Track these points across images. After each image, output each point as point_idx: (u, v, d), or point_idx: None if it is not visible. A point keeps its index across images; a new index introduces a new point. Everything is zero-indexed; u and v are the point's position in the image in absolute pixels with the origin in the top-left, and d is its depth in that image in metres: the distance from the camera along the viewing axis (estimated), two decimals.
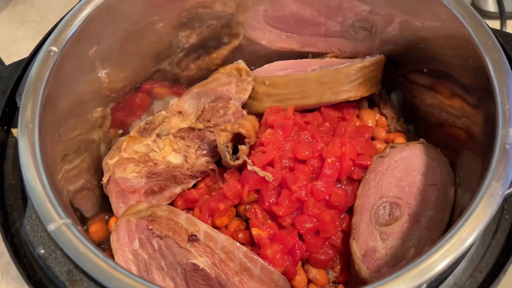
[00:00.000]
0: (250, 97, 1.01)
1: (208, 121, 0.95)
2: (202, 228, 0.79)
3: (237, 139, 0.93)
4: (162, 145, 0.94)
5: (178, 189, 0.93)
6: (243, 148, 0.91)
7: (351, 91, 0.94)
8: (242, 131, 0.90)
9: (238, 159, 0.90)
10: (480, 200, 0.60)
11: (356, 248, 0.80)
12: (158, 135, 0.95)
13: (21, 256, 0.69)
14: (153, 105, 1.05)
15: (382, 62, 0.97)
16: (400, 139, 0.98)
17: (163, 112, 0.98)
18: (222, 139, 0.89)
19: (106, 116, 0.94)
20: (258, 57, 1.07)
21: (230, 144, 0.91)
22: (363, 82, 0.94)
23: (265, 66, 1.06)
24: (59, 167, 0.75)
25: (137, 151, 0.92)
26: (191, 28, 0.98)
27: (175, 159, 0.93)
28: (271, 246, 0.80)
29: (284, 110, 0.96)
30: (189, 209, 0.94)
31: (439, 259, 0.57)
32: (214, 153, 0.95)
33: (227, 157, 0.89)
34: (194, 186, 0.95)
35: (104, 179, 0.90)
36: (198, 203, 0.91)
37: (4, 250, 0.71)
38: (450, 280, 0.68)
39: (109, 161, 0.90)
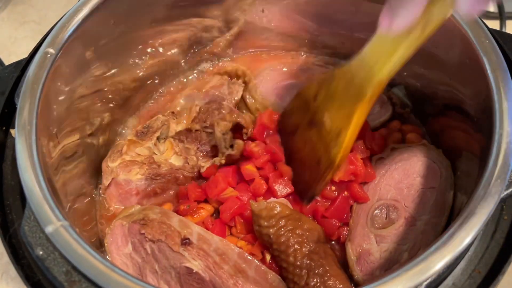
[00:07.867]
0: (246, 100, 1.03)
1: (204, 121, 0.95)
2: (195, 230, 0.78)
3: (235, 133, 0.94)
4: (162, 148, 0.95)
5: None
6: (239, 142, 0.92)
7: None
8: (241, 120, 0.92)
9: (233, 148, 0.91)
10: (478, 200, 0.60)
11: (351, 250, 0.80)
12: (158, 139, 0.96)
13: (20, 257, 0.69)
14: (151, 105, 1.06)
15: None
16: (413, 135, 0.93)
17: (161, 116, 0.98)
18: (220, 128, 0.90)
19: (108, 118, 0.94)
20: (256, 59, 1.08)
21: (229, 133, 0.92)
22: None
23: (261, 78, 1.04)
24: (57, 169, 0.75)
25: (140, 154, 0.93)
26: (194, 52, 1.04)
27: (177, 161, 0.94)
28: None
29: (276, 114, 0.94)
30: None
31: (437, 259, 0.57)
32: (214, 153, 0.95)
33: (222, 145, 0.91)
34: None
35: (106, 182, 0.89)
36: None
37: (3, 250, 0.71)
38: (449, 280, 0.68)
39: (111, 164, 0.90)
